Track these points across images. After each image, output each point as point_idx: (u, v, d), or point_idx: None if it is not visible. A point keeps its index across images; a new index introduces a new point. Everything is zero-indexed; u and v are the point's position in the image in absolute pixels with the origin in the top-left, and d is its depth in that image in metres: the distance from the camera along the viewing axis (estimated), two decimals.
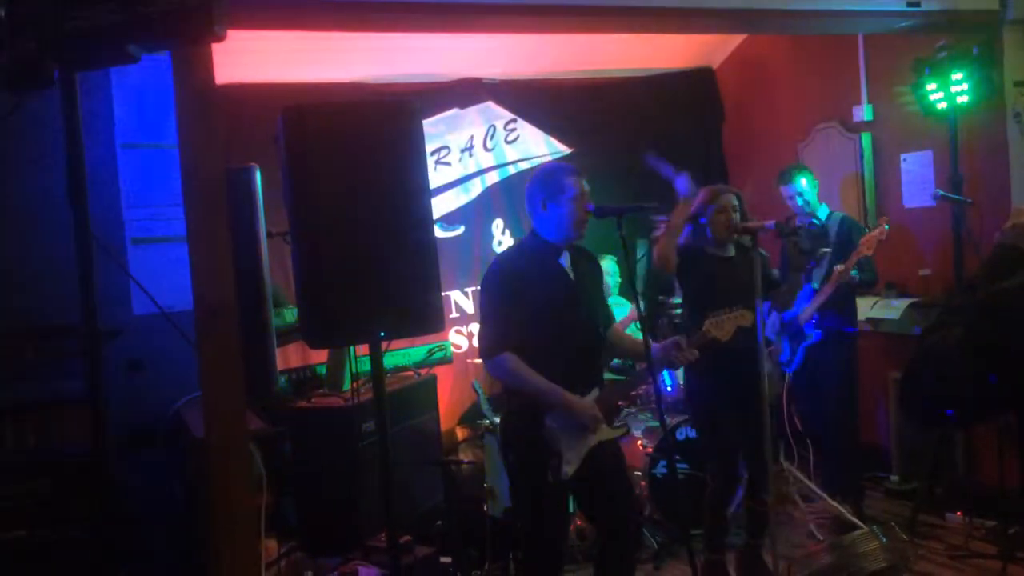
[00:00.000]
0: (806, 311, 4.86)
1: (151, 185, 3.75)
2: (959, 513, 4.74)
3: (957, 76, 4.80)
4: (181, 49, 2.39)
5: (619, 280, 5.57)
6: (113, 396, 3.17)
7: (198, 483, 3.09)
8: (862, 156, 5.65)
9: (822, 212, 5.03)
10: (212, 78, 2.47)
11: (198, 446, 2.75)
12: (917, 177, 5.37)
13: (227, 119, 2.71)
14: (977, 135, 4.96)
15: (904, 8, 4.44)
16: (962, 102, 4.85)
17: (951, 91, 4.85)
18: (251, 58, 4.65)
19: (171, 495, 3.44)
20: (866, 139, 5.65)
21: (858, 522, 4.55)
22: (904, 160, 5.45)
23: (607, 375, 4.08)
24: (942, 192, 4.87)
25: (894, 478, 5.34)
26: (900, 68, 5.19)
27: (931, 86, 4.94)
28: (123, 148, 3.57)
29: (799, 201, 4.97)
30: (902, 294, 5.37)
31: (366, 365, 2.94)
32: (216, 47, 2.24)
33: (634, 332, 5.40)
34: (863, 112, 5.64)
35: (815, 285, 4.91)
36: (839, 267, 4.69)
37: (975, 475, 4.95)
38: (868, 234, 4.69)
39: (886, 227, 4.68)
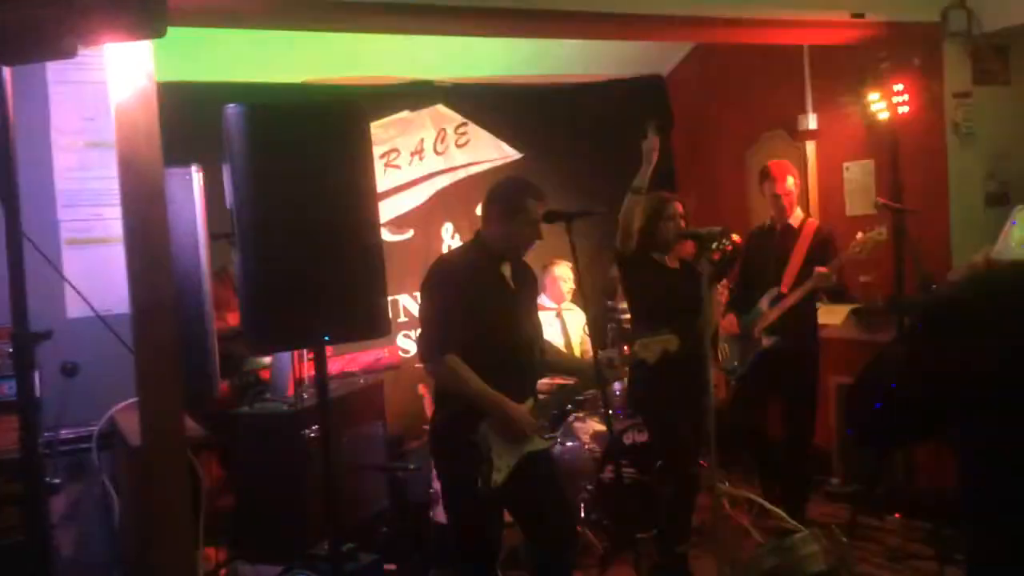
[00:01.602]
0: (767, 316, 4.61)
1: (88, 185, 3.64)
2: (897, 515, 4.82)
3: (898, 87, 4.90)
4: (119, 44, 2.33)
5: (572, 287, 5.57)
6: (46, 400, 3.07)
7: (133, 491, 3.01)
8: (807, 164, 5.74)
9: (796, 216, 4.79)
10: (151, 74, 2.41)
11: (133, 453, 2.68)
12: (859, 185, 5.48)
13: (168, 117, 2.64)
14: (917, 145, 5.06)
15: (848, 20, 4.53)
16: (903, 112, 4.95)
17: (892, 102, 4.94)
18: (194, 55, 4.56)
19: (105, 502, 3.34)
20: (811, 148, 5.74)
21: (799, 525, 4.60)
22: (846, 169, 5.55)
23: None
24: (883, 201, 4.96)
25: (834, 480, 5.42)
26: (844, 78, 5.28)
27: (873, 97, 5.03)
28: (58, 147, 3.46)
29: (784, 203, 4.70)
30: (843, 300, 5.44)
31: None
32: (157, 43, 2.19)
33: (584, 338, 5.41)
34: (808, 121, 5.73)
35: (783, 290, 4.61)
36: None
37: (913, 478, 5.05)
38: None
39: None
